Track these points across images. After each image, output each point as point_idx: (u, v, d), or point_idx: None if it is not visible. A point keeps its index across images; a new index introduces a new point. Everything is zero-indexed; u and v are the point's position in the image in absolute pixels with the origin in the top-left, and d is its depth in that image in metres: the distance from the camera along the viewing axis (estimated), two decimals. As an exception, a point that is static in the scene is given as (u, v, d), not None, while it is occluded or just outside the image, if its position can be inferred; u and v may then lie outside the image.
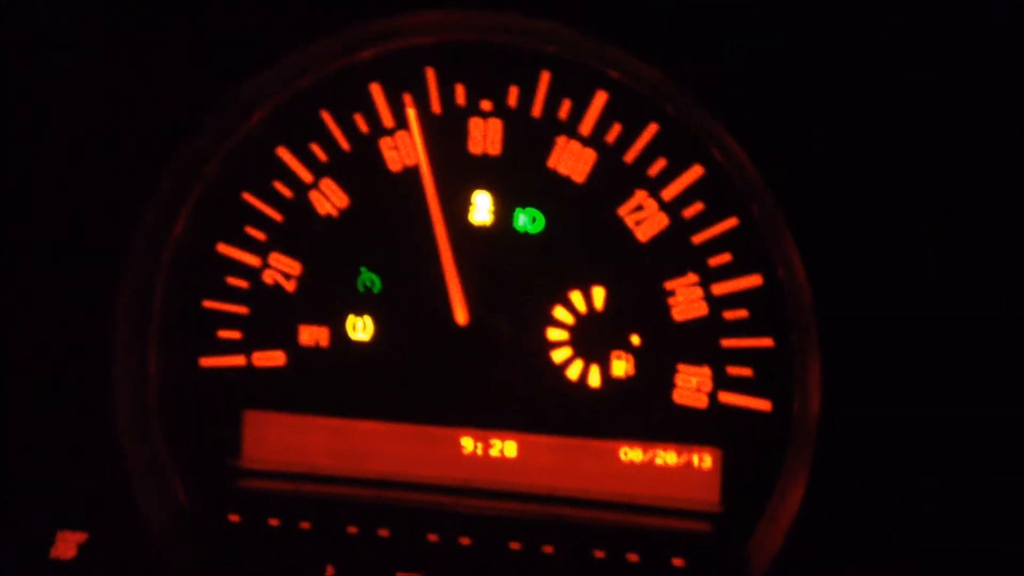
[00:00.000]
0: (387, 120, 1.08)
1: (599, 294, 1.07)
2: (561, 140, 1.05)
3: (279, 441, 1.13)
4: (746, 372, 1.04)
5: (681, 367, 1.06)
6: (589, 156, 1.05)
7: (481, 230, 1.08)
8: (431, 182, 1.06)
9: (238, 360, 1.12)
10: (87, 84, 1.04)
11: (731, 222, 1.03)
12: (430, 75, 1.07)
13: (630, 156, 1.04)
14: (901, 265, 0.94)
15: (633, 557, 1.06)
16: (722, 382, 1.05)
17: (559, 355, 1.08)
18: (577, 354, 1.08)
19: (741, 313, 1.04)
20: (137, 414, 1.09)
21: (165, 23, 1.02)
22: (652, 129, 1.04)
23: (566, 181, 1.06)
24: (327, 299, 1.11)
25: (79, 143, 1.04)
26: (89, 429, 1.06)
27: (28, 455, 1.07)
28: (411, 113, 1.07)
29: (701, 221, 1.04)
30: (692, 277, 1.04)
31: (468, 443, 1.10)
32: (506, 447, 1.10)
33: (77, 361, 1.05)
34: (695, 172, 1.03)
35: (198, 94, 1.03)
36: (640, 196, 1.05)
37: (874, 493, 0.95)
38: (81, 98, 1.04)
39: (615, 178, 1.05)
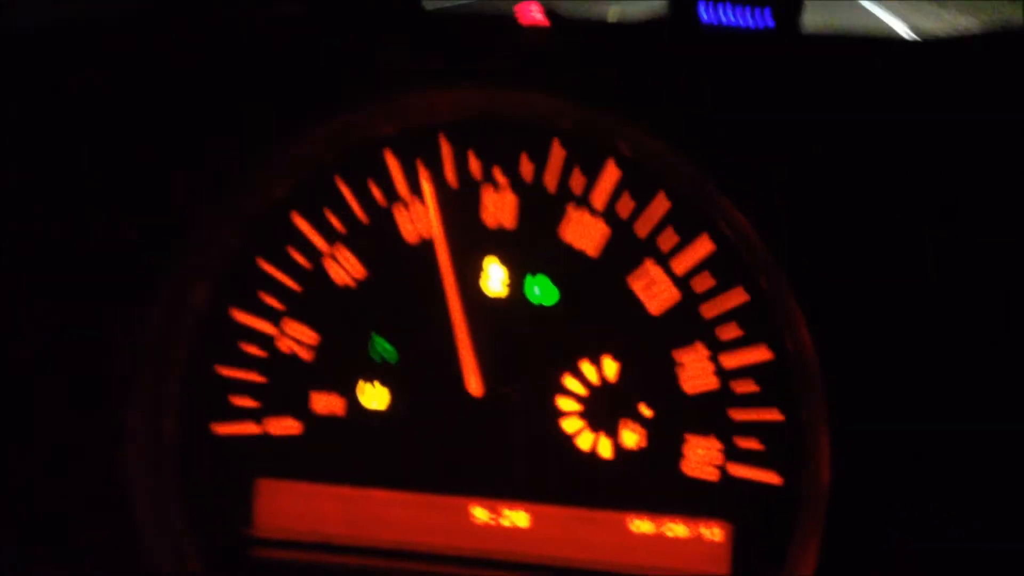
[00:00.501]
0: (403, 191, 1.10)
1: (610, 365, 1.08)
2: (574, 214, 1.07)
3: (292, 509, 1.14)
4: (756, 445, 1.04)
5: (691, 438, 1.06)
6: (601, 228, 1.07)
7: (495, 301, 1.09)
8: (446, 254, 1.08)
9: (252, 428, 1.13)
10: (111, 150, 1.06)
11: (741, 296, 1.04)
12: (445, 148, 1.09)
13: (642, 229, 1.06)
14: (909, 339, 0.94)
15: (643, 629, 1.06)
16: (732, 454, 1.05)
17: (570, 425, 1.09)
18: (588, 424, 1.09)
19: (751, 386, 1.04)
20: (152, 480, 1.10)
21: (192, 95, 1.05)
22: (664, 204, 1.05)
23: (579, 253, 1.07)
24: (342, 368, 1.12)
25: (99, 210, 1.06)
26: (103, 494, 1.06)
27: (41, 519, 1.07)
28: (426, 186, 1.09)
29: (711, 294, 1.05)
30: (702, 349, 1.05)
31: (480, 512, 1.11)
32: (517, 517, 1.10)
33: (93, 428, 1.06)
34: (705, 246, 1.05)
35: (219, 166, 1.05)
36: (651, 269, 1.06)
37: (885, 566, 0.94)
38: (104, 164, 1.06)
39: (627, 250, 1.06)
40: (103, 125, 1.08)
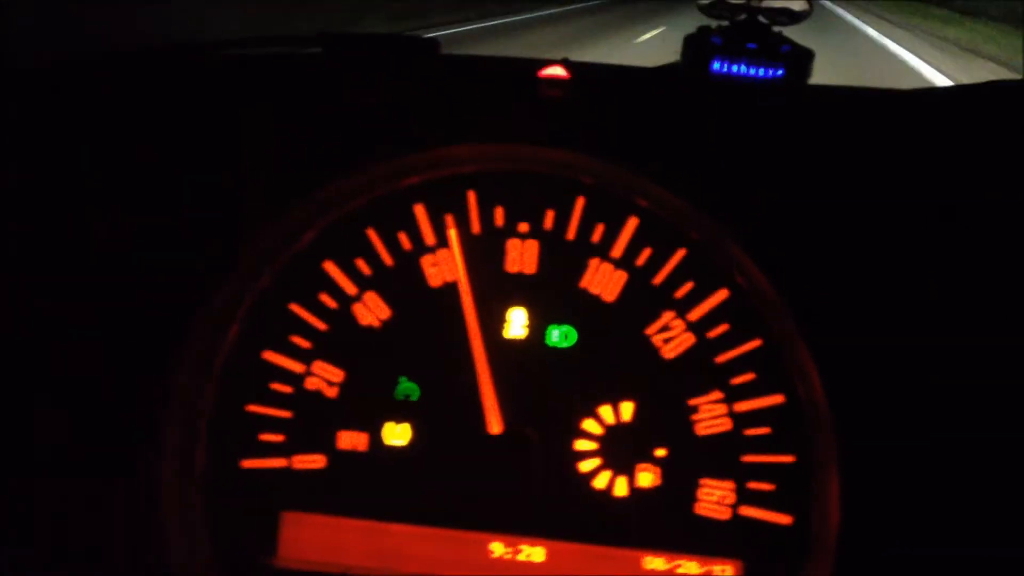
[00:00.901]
0: (429, 239, 1.15)
1: (627, 408, 1.12)
2: (594, 262, 1.12)
3: (314, 541, 1.17)
4: (767, 487, 1.09)
5: (704, 481, 1.10)
6: (620, 277, 1.11)
7: (515, 344, 1.14)
8: (469, 298, 1.12)
9: (279, 462, 1.17)
10: (148, 195, 1.11)
11: (755, 343, 1.09)
12: (471, 198, 1.14)
13: (658, 279, 1.11)
14: (918, 384, 0.99)
15: (656, 665, 1.09)
16: (744, 496, 1.09)
17: (587, 465, 1.13)
18: (604, 465, 1.13)
19: (763, 430, 1.09)
20: (181, 512, 1.13)
21: (225, 144, 1.09)
22: (680, 254, 1.10)
23: (597, 300, 1.12)
24: (367, 406, 1.16)
25: (135, 256, 1.11)
26: (133, 523, 1.10)
27: (69, 545, 1.10)
28: (452, 234, 1.13)
29: (725, 341, 1.09)
30: (716, 395, 1.10)
31: (498, 547, 1.14)
32: (534, 553, 1.14)
33: (127, 461, 1.09)
34: (720, 295, 1.09)
35: (253, 213, 1.09)
36: (667, 317, 1.11)
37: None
38: (140, 208, 1.10)
39: (644, 299, 1.11)
40: (139, 168, 1.12)
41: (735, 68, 1.25)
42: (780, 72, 1.25)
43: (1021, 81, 1.15)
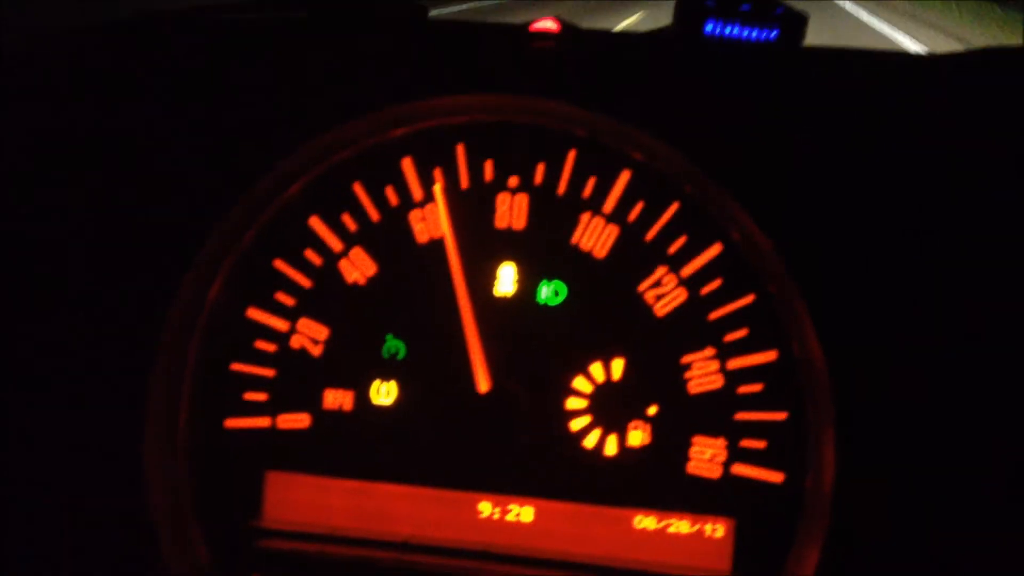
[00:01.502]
0: (417, 194, 1.13)
1: (618, 366, 1.11)
2: (585, 217, 1.10)
3: (300, 502, 1.16)
4: (760, 444, 1.08)
5: (696, 439, 1.09)
6: (612, 233, 1.10)
7: (505, 301, 1.12)
8: (455, 254, 1.10)
9: (263, 422, 1.15)
10: (132, 151, 1.08)
11: (748, 299, 1.07)
12: (460, 152, 1.12)
13: (651, 234, 1.09)
14: (916, 343, 0.98)
15: (647, 624, 1.08)
16: (736, 454, 1.08)
17: (577, 424, 1.11)
18: (595, 423, 1.11)
19: (756, 387, 1.08)
20: (165, 472, 1.11)
21: (211, 97, 1.07)
22: (673, 208, 1.09)
23: (588, 256, 1.10)
24: (352, 364, 1.14)
25: (119, 211, 1.08)
26: (117, 485, 1.08)
27: (53, 508, 1.09)
28: (437, 188, 1.11)
29: (718, 297, 1.08)
30: (708, 351, 1.08)
31: (486, 507, 1.13)
32: (523, 512, 1.13)
33: (110, 418, 1.08)
34: (714, 250, 1.08)
35: (238, 168, 1.07)
36: (660, 272, 1.09)
37: (887, 566, 0.97)
38: (125, 164, 1.08)
39: (636, 254, 1.09)
40: (124, 126, 1.10)
41: (729, 30, 1.24)
42: (774, 34, 1.23)
43: (1021, 47, 1.14)
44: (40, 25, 1.17)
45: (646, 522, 1.11)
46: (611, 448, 1.11)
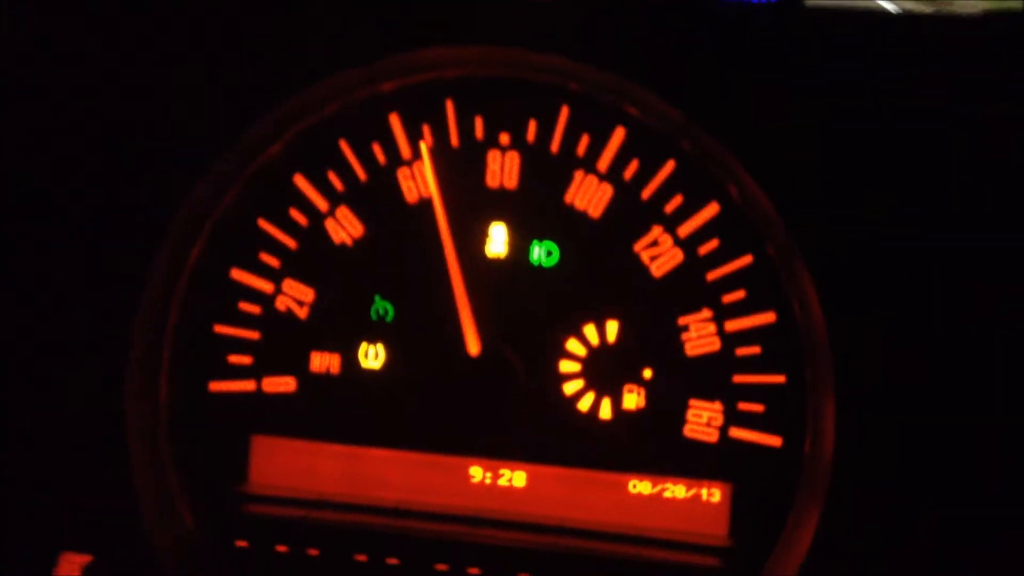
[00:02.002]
0: (405, 151, 1.09)
1: (612, 328, 1.08)
2: (578, 175, 1.07)
3: (287, 467, 1.13)
4: (757, 408, 1.05)
5: (692, 402, 1.07)
6: (606, 191, 1.07)
7: (496, 262, 1.09)
8: (443, 214, 1.07)
9: (248, 385, 1.13)
10: (109, 110, 1.04)
11: (746, 259, 1.05)
12: (449, 108, 1.08)
13: (647, 192, 1.06)
14: (918, 303, 0.96)
15: (642, 589, 1.07)
16: (733, 417, 1.06)
17: (571, 387, 1.09)
18: (589, 386, 1.09)
19: (754, 349, 1.05)
20: (146, 436, 1.09)
21: (193, 49, 1.03)
22: (669, 166, 1.06)
23: (582, 216, 1.07)
24: (339, 326, 1.11)
25: (101, 168, 1.05)
26: (98, 449, 1.05)
27: (35, 474, 1.06)
28: (423, 146, 1.08)
29: (716, 258, 1.05)
30: (706, 313, 1.06)
31: (477, 472, 1.11)
32: (515, 477, 1.11)
33: (90, 382, 1.05)
34: (711, 209, 1.05)
35: (220, 122, 1.03)
36: (656, 232, 1.06)
37: (887, 532, 0.96)
38: (105, 122, 1.04)
39: (631, 214, 1.06)
40: (101, 83, 1.05)
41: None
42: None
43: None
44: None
45: (641, 487, 1.09)
46: (606, 412, 1.08)
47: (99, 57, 1.05)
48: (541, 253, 1.09)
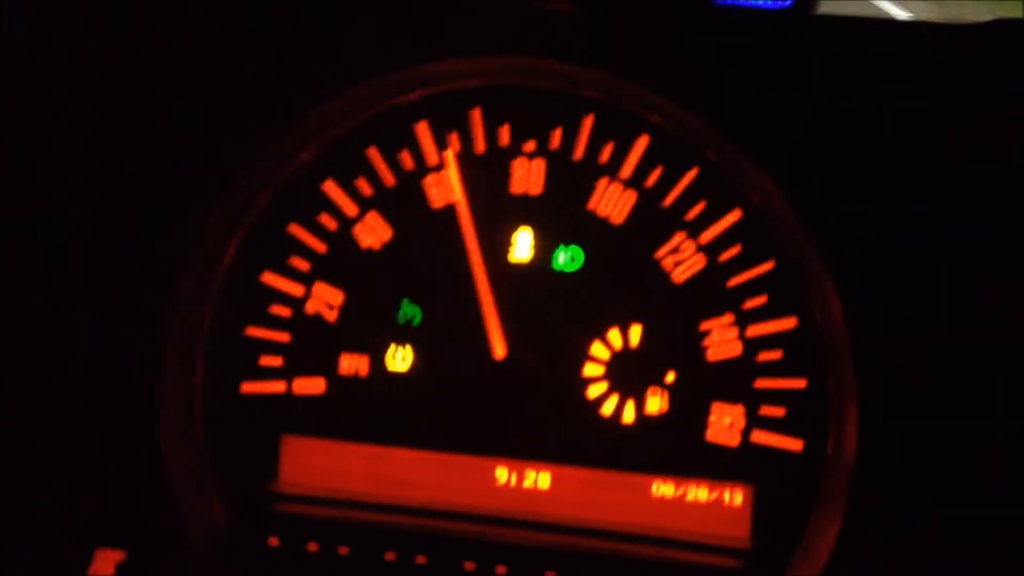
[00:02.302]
0: (431, 158, 1.11)
1: (636, 332, 1.09)
2: (602, 182, 1.09)
3: (317, 467, 1.16)
4: (779, 412, 1.06)
5: (715, 406, 1.08)
6: (629, 198, 1.08)
7: (521, 267, 1.11)
8: (469, 219, 1.09)
9: (279, 386, 1.15)
10: (145, 116, 1.07)
11: (767, 265, 1.06)
12: (475, 116, 1.10)
13: (669, 199, 1.07)
14: (940, 307, 0.96)
15: (664, 591, 1.08)
16: (755, 421, 1.07)
17: (594, 390, 1.11)
18: (612, 390, 1.10)
19: (775, 354, 1.06)
20: (181, 437, 1.12)
21: (224, 60, 1.05)
22: (692, 173, 1.07)
23: (606, 222, 1.09)
24: (368, 329, 1.13)
25: (135, 173, 1.07)
26: (134, 448, 1.08)
27: (70, 471, 1.09)
28: (449, 154, 1.10)
29: (738, 264, 1.07)
30: (727, 318, 1.07)
31: (502, 473, 1.13)
32: (540, 478, 1.12)
33: (126, 383, 1.07)
34: (733, 216, 1.06)
35: (252, 130, 1.06)
36: (678, 238, 1.08)
37: (909, 536, 0.97)
38: (139, 128, 1.07)
39: (654, 220, 1.08)
40: (137, 88, 1.08)
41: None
42: (788, 2, 1.20)
43: None
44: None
45: (664, 489, 1.10)
46: (629, 415, 1.10)
47: (134, 59, 1.07)
48: (565, 258, 1.10)
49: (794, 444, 1.06)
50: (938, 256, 0.97)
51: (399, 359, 1.13)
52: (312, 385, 1.14)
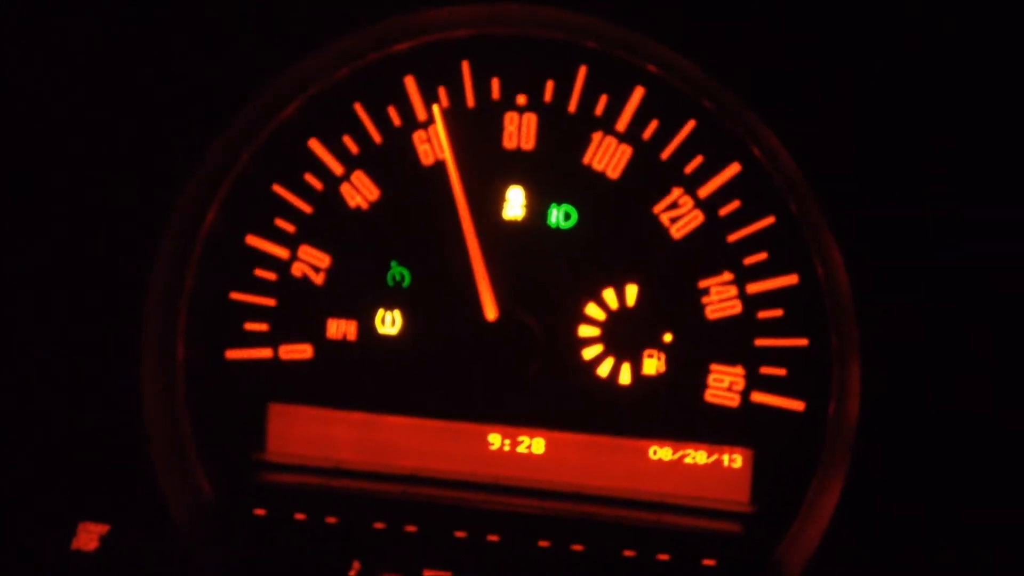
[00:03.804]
0: (420, 113, 1.08)
1: (632, 291, 1.06)
2: (597, 136, 1.05)
3: (305, 435, 1.13)
4: (779, 372, 1.04)
5: (714, 366, 1.05)
6: (625, 152, 1.05)
7: (513, 226, 1.08)
8: (457, 177, 1.06)
9: (265, 352, 1.12)
10: (122, 74, 1.03)
11: (768, 220, 1.03)
12: (465, 69, 1.07)
13: (666, 153, 1.04)
14: (945, 264, 0.93)
15: (663, 556, 1.05)
16: (755, 382, 1.04)
17: (590, 352, 1.08)
18: (608, 351, 1.07)
19: (776, 312, 1.04)
20: (164, 405, 1.09)
21: (202, 14, 1.02)
22: (690, 126, 1.04)
23: (601, 177, 1.06)
24: (356, 292, 1.10)
25: (113, 134, 1.03)
26: (116, 419, 1.05)
27: (53, 444, 1.06)
28: (436, 108, 1.06)
29: (737, 219, 1.04)
30: (727, 276, 1.04)
31: (496, 439, 1.10)
32: (534, 444, 1.09)
33: (106, 351, 1.04)
34: (732, 169, 1.03)
35: (233, 85, 1.02)
36: (676, 193, 1.04)
37: (912, 498, 0.94)
38: (117, 88, 1.03)
39: (651, 175, 1.05)
40: (109, 44, 1.04)
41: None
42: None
43: None
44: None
45: (662, 453, 1.08)
46: (625, 377, 1.07)
47: (109, 14, 1.04)
48: (559, 216, 1.07)
49: (795, 405, 1.04)
50: (945, 210, 0.94)
51: (388, 323, 1.10)
52: (299, 351, 1.11)
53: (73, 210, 1.04)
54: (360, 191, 1.09)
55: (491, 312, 1.07)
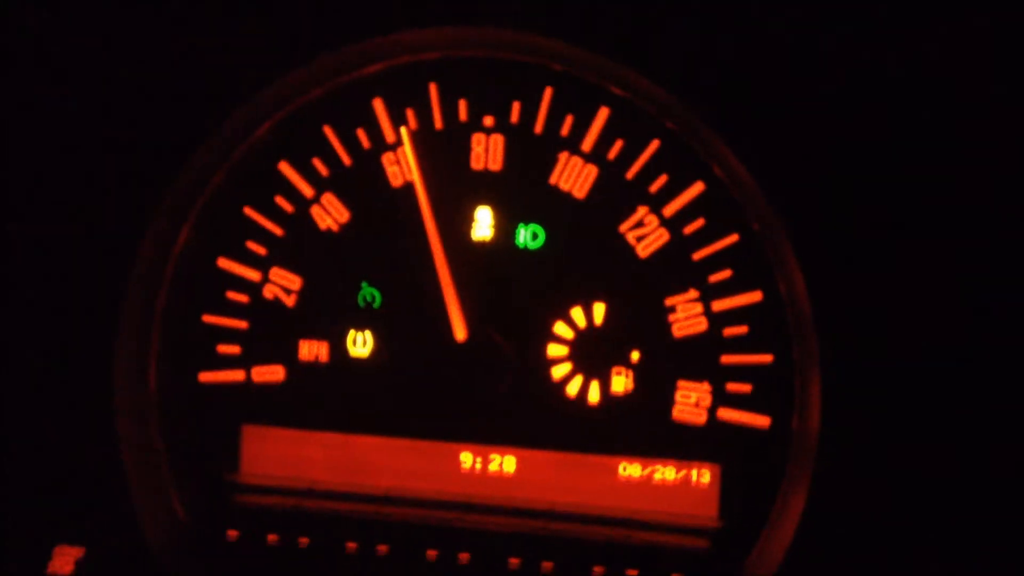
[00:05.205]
0: (389, 135, 1.09)
1: (599, 310, 1.07)
2: (563, 156, 1.06)
3: (278, 456, 1.13)
4: (745, 388, 1.05)
5: (681, 383, 1.06)
6: (591, 172, 1.06)
7: (482, 246, 1.08)
8: (426, 198, 1.06)
9: (237, 375, 1.12)
10: (93, 97, 1.04)
11: (732, 238, 1.04)
12: (433, 91, 1.07)
13: (631, 172, 1.05)
14: (903, 281, 0.94)
15: (632, 572, 1.06)
16: (721, 398, 1.05)
17: (559, 371, 1.08)
18: (577, 370, 1.08)
19: (741, 329, 1.04)
20: (137, 428, 1.09)
21: (174, 37, 1.02)
22: (654, 145, 1.05)
23: (567, 197, 1.07)
24: (327, 314, 1.11)
25: (84, 157, 1.04)
26: (89, 443, 1.05)
27: (26, 467, 1.06)
28: (403, 130, 1.07)
29: (702, 237, 1.04)
30: (692, 293, 1.05)
31: (467, 458, 1.10)
32: (505, 462, 1.10)
33: (78, 374, 1.05)
34: (696, 188, 1.04)
35: (202, 109, 1.03)
36: (641, 212, 1.05)
37: (875, 509, 0.95)
38: (87, 111, 1.04)
39: (616, 194, 1.05)
40: (84, 69, 1.05)
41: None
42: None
43: None
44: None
45: (631, 470, 1.08)
46: (594, 395, 1.08)
47: (82, 43, 1.04)
48: (527, 236, 1.08)
49: (761, 421, 1.04)
50: (903, 228, 0.95)
51: (359, 344, 1.11)
52: (271, 373, 1.12)
53: (45, 235, 1.05)
54: (330, 213, 1.10)
55: (460, 332, 1.07)
